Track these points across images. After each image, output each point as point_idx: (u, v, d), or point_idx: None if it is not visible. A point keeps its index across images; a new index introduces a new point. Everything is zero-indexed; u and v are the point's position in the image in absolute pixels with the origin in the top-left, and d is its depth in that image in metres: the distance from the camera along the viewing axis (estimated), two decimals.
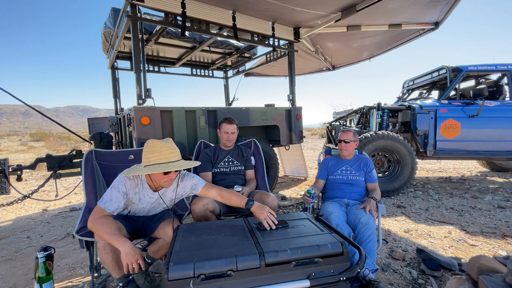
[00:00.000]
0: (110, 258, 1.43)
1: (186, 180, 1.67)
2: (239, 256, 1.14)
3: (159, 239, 1.60)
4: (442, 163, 6.37)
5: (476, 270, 1.43)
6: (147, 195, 1.60)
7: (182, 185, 1.67)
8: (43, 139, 15.31)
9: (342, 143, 2.25)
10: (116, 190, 1.46)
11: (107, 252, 1.41)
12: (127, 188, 1.50)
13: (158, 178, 1.49)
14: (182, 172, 1.70)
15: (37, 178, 5.92)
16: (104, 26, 3.46)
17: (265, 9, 3.02)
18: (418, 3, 3.19)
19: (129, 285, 1.56)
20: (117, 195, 1.45)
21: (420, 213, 3.04)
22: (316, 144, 13.00)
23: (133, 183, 1.54)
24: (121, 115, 3.47)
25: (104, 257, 1.42)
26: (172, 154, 1.47)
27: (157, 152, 1.45)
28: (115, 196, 1.45)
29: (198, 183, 1.68)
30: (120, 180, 1.49)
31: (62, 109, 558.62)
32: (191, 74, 5.27)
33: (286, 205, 3.42)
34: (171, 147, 1.49)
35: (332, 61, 5.47)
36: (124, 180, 1.50)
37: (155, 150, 1.46)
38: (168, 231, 1.54)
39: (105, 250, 1.41)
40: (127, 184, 1.50)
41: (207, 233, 1.41)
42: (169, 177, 1.49)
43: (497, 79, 4.27)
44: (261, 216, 1.46)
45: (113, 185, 1.49)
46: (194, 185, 1.67)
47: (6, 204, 2.89)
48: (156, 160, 1.44)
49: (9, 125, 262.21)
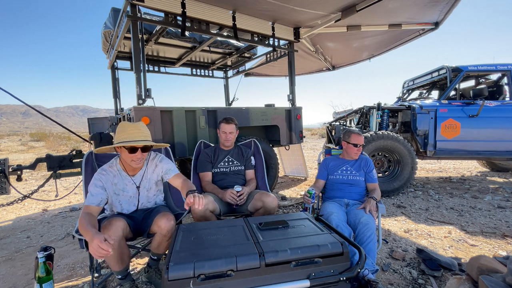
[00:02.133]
0: (115, 254, 1.47)
1: (164, 163, 1.77)
2: (239, 256, 1.14)
3: (155, 234, 1.62)
4: (442, 163, 6.37)
5: (476, 270, 1.43)
6: (128, 182, 1.68)
7: (160, 166, 1.76)
8: (43, 139, 15.31)
9: (358, 147, 2.22)
10: (93, 186, 1.56)
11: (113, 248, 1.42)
12: (103, 182, 1.58)
13: (126, 157, 1.58)
14: (160, 155, 1.81)
15: (37, 178, 5.92)
16: (104, 26, 3.46)
17: (265, 9, 3.02)
18: (418, 3, 3.18)
19: (127, 277, 1.63)
20: (96, 189, 1.54)
21: (420, 213, 3.03)
22: (316, 144, 13.00)
23: (108, 176, 1.62)
24: (121, 115, 3.47)
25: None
26: (137, 133, 1.56)
27: (123, 132, 1.56)
28: (94, 191, 1.54)
29: (171, 169, 1.75)
30: (95, 177, 1.59)
31: (62, 109, 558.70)
32: (191, 74, 5.27)
33: (286, 205, 3.42)
34: (137, 127, 1.58)
35: (332, 61, 5.47)
36: (98, 176, 1.59)
37: (121, 130, 1.57)
38: (162, 224, 1.55)
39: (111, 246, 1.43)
40: (102, 179, 1.59)
41: (207, 233, 1.41)
42: (135, 156, 1.56)
43: (497, 79, 4.27)
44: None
45: (90, 184, 1.58)
46: (168, 169, 1.75)
47: (6, 204, 2.89)
48: (122, 138, 1.54)
49: (9, 125, 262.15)
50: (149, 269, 1.80)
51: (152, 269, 1.79)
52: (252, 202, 2.08)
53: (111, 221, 1.48)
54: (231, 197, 2.07)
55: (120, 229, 1.48)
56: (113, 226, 1.45)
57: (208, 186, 2.24)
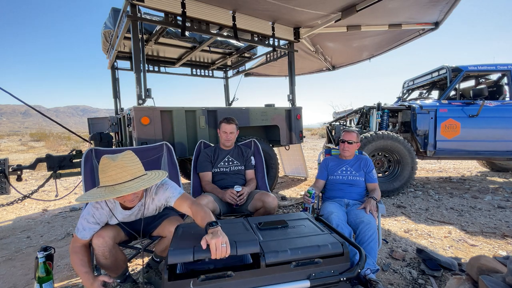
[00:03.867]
0: (109, 262, 1.47)
1: (161, 194, 1.53)
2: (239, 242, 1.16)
3: (165, 238, 1.59)
4: (442, 163, 6.37)
5: (476, 270, 1.43)
6: (126, 214, 1.53)
7: (157, 199, 1.54)
8: (43, 139, 15.31)
9: (345, 143, 2.23)
10: (85, 220, 1.40)
11: (105, 258, 1.45)
12: (96, 218, 1.42)
13: (118, 199, 1.38)
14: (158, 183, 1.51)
15: (37, 178, 5.92)
16: (104, 26, 3.46)
17: (265, 9, 3.02)
18: (418, 3, 3.18)
19: (126, 281, 1.63)
20: (88, 224, 1.40)
21: (420, 213, 3.03)
22: (316, 144, 13.00)
23: (103, 211, 1.44)
24: (121, 115, 3.47)
25: (102, 262, 1.46)
26: (120, 174, 1.27)
27: (104, 173, 1.29)
28: (87, 226, 1.40)
29: (171, 196, 1.50)
30: (88, 212, 1.42)
31: (62, 109, 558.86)
32: (191, 74, 5.27)
33: (286, 205, 3.42)
34: (119, 166, 1.28)
35: (332, 61, 5.47)
36: (92, 211, 1.42)
37: (103, 170, 1.30)
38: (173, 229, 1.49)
39: (103, 255, 1.44)
40: (95, 215, 1.42)
41: None
42: (126, 198, 1.35)
43: (497, 79, 4.27)
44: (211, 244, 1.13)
45: (82, 215, 1.42)
46: (168, 198, 1.51)
47: (6, 204, 2.88)
48: (105, 182, 1.29)
49: (9, 125, 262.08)
50: (148, 270, 1.79)
51: (152, 270, 1.79)
52: (252, 202, 2.09)
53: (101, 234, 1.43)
54: (231, 197, 2.07)
55: (109, 239, 1.43)
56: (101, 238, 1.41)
57: (208, 186, 2.23)
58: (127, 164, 1.31)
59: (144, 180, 1.34)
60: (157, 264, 1.80)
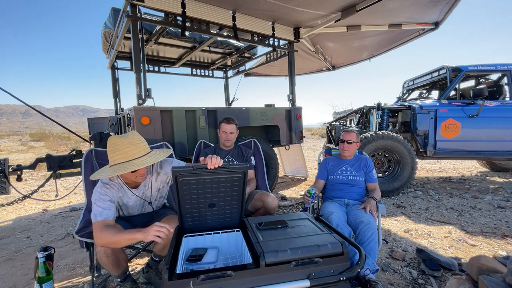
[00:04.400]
0: (110, 260, 1.46)
1: (166, 167, 1.63)
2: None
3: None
4: (442, 163, 6.37)
5: (476, 270, 1.43)
6: (131, 194, 1.58)
7: (163, 172, 1.63)
8: (43, 139, 15.32)
9: (345, 143, 2.23)
10: (102, 201, 1.41)
11: (107, 256, 1.44)
12: (110, 196, 1.45)
13: (129, 175, 1.44)
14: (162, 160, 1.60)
15: (37, 178, 5.92)
16: (104, 26, 3.46)
17: (265, 9, 3.02)
18: (418, 3, 3.19)
19: (126, 280, 1.63)
20: (105, 203, 1.41)
21: (420, 213, 3.03)
22: (316, 144, 13.00)
23: (113, 189, 1.49)
24: (121, 115, 3.47)
25: (104, 260, 1.46)
26: (135, 150, 1.39)
27: (118, 151, 1.37)
28: (106, 206, 1.40)
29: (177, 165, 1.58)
30: (100, 192, 1.43)
31: (62, 109, 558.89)
32: (191, 74, 5.27)
33: (286, 205, 3.42)
34: (132, 143, 1.39)
35: (332, 61, 5.47)
36: (103, 190, 1.44)
37: (116, 149, 1.38)
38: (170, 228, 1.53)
39: (105, 254, 1.43)
40: (108, 193, 1.45)
41: None
42: (138, 173, 1.44)
43: (497, 79, 4.27)
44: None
45: (96, 199, 1.41)
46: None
47: (6, 204, 2.88)
48: (119, 159, 1.37)
49: (9, 125, 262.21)
50: (148, 270, 1.79)
51: (152, 270, 1.79)
52: (252, 202, 2.09)
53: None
54: None
55: None
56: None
57: None
58: (139, 141, 1.43)
59: (156, 154, 1.48)
60: (156, 263, 1.80)
